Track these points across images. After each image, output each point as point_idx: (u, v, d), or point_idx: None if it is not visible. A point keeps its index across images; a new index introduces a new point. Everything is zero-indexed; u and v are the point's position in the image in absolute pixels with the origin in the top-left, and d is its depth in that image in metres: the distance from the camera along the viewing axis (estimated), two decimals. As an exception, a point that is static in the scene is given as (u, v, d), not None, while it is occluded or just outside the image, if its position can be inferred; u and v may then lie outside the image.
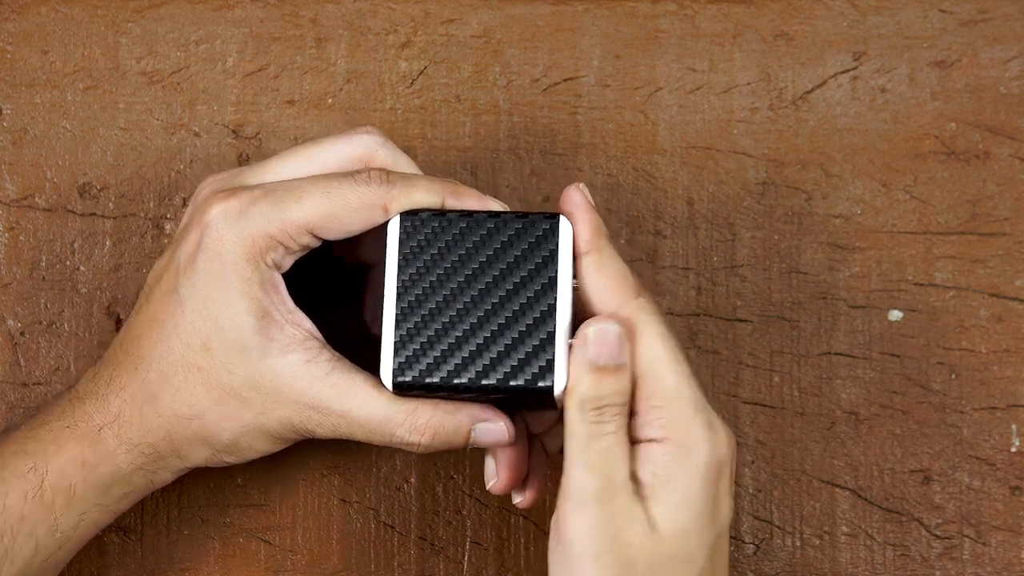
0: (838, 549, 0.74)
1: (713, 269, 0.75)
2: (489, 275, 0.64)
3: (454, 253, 0.65)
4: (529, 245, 0.64)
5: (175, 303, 0.65)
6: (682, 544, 0.62)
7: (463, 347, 0.64)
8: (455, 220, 0.65)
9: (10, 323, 0.75)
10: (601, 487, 0.61)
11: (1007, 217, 0.75)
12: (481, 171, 0.76)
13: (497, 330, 0.64)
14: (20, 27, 0.77)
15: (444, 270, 0.64)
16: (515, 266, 0.64)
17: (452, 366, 0.64)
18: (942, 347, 0.75)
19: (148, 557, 0.74)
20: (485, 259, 0.64)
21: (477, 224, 0.65)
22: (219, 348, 0.64)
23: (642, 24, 0.76)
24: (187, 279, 0.64)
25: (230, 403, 0.64)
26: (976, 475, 0.74)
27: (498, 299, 0.64)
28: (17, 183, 0.76)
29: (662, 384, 0.63)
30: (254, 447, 0.66)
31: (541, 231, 0.64)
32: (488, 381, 0.64)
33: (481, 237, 0.65)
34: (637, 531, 0.61)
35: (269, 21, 0.77)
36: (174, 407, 0.65)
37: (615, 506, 0.61)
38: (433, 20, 0.77)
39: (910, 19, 0.76)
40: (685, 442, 0.62)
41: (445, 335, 0.64)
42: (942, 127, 0.76)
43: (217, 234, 0.64)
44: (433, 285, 0.64)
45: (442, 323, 0.64)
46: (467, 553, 0.75)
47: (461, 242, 0.65)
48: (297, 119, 0.76)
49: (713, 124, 0.76)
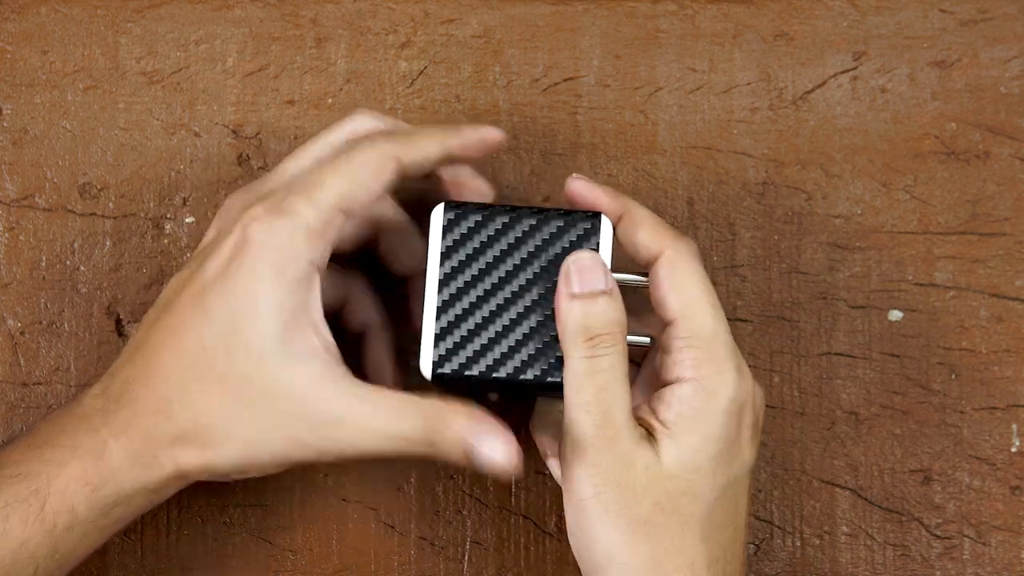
0: (838, 549, 0.74)
1: (713, 269, 0.75)
2: (530, 271, 0.65)
3: (496, 247, 0.65)
4: (571, 243, 0.65)
5: (200, 314, 0.63)
6: (689, 482, 0.62)
7: (502, 342, 0.64)
8: (498, 213, 0.65)
9: (10, 323, 0.75)
10: (597, 430, 0.62)
11: (1007, 217, 0.75)
12: (481, 171, 0.76)
13: (536, 326, 0.64)
14: (20, 27, 0.77)
15: (486, 264, 0.65)
16: (557, 263, 0.65)
17: (491, 360, 0.64)
18: (942, 347, 0.75)
19: (148, 557, 0.74)
20: (527, 255, 0.65)
21: (520, 218, 0.65)
22: (241, 355, 0.62)
23: (642, 24, 0.76)
24: (216, 290, 0.63)
25: (243, 414, 0.63)
26: (976, 475, 0.74)
27: (538, 295, 0.64)
28: (17, 183, 0.76)
29: (698, 325, 0.63)
30: (256, 464, 0.64)
31: (583, 229, 0.65)
32: (526, 377, 0.64)
33: (523, 232, 0.65)
34: (640, 469, 0.62)
35: (269, 21, 0.77)
36: (186, 416, 0.63)
37: (615, 449, 0.61)
38: (433, 20, 0.77)
39: (910, 19, 0.76)
40: (712, 384, 0.62)
41: (485, 329, 0.64)
42: (942, 127, 0.76)
43: (251, 243, 0.63)
44: (475, 278, 0.65)
45: (482, 317, 0.64)
46: (467, 553, 0.75)
47: (503, 236, 0.65)
48: (297, 119, 0.76)
49: (713, 124, 0.76)
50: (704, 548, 0.62)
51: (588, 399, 0.62)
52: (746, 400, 0.63)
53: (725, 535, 0.63)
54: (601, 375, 0.62)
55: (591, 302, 0.63)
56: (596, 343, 0.62)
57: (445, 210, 0.65)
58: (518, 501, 0.74)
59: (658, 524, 0.62)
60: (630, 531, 0.62)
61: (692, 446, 0.62)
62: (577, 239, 0.65)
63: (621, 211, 0.65)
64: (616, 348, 0.62)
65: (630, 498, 0.62)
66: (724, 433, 0.63)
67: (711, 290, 0.64)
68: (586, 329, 0.62)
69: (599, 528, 0.62)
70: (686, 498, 0.62)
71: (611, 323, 0.62)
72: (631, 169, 0.76)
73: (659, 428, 0.63)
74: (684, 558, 0.62)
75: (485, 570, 0.75)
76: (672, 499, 0.62)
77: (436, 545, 0.75)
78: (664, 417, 0.63)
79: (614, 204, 0.65)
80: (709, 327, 0.63)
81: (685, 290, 0.63)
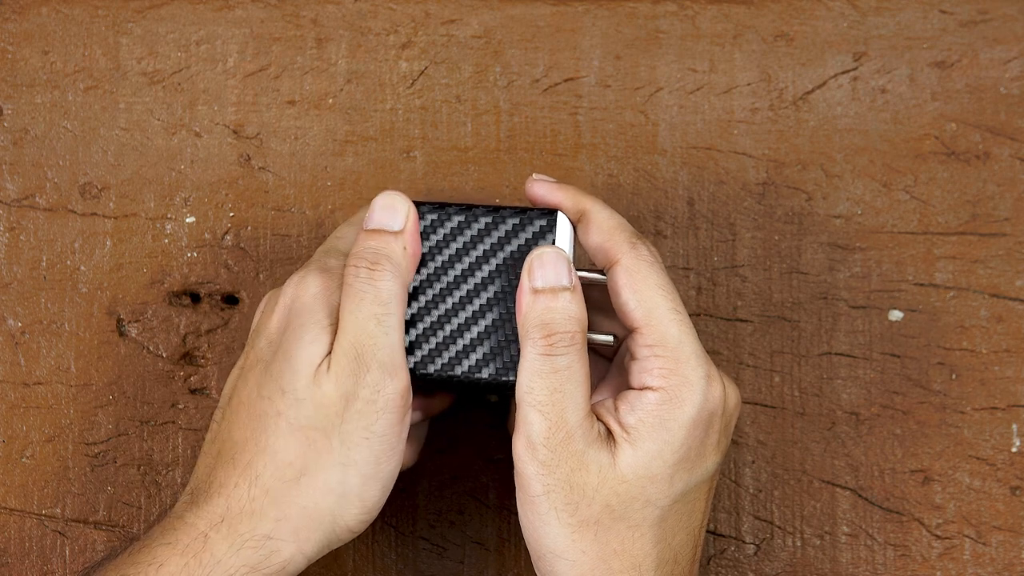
0: (839, 549, 0.74)
1: (713, 269, 0.75)
2: (486, 269, 0.64)
3: (452, 246, 0.65)
4: (526, 241, 0.64)
5: (259, 377, 0.63)
6: (642, 488, 0.62)
7: (458, 340, 0.64)
8: (453, 212, 0.65)
9: (10, 323, 0.75)
10: (550, 430, 0.61)
11: (1007, 217, 0.75)
12: (481, 171, 0.76)
13: (493, 325, 0.64)
14: (21, 27, 0.77)
15: (441, 263, 0.65)
16: (511, 261, 0.64)
17: (446, 359, 0.64)
18: (942, 347, 0.75)
19: (148, 557, 0.74)
20: (483, 253, 0.65)
21: (475, 216, 0.65)
22: (290, 384, 0.62)
23: (642, 25, 0.77)
24: (270, 350, 0.63)
25: (319, 440, 0.62)
26: (976, 475, 0.74)
27: (494, 294, 0.64)
28: (18, 183, 0.76)
29: (665, 334, 0.62)
30: (369, 493, 0.63)
31: (539, 227, 0.65)
32: (482, 376, 0.64)
33: (479, 231, 0.65)
34: (593, 471, 0.61)
35: (270, 21, 0.77)
36: (276, 473, 0.62)
37: (568, 449, 0.61)
38: (434, 20, 0.77)
39: (910, 20, 0.76)
40: (680, 393, 0.62)
41: (441, 328, 0.64)
42: (942, 127, 0.76)
43: (295, 297, 0.64)
44: (430, 277, 0.65)
45: (438, 316, 0.64)
46: (468, 553, 0.75)
47: (459, 235, 0.65)
48: (298, 119, 0.76)
49: (713, 124, 0.76)
50: (654, 551, 0.62)
51: (542, 399, 0.61)
52: (715, 409, 0.63)
53: (678, 538, 0.63)
54: (557, 375, 0.61)
55: (553, 297, 0.62)
56: (555, 341, 0.62)
57: None
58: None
59: (607, 526, 0.62)
60: (579, 530, 0.62)
61: (649, 453, 0.62)
62: (532, 236, 0.64)
63: (579, 212, 0.65)
64: (574, 348, 0.62)
65: (580, 498, 0.61)
66: (687, 443, 0.62)
67: (673, 296, 0.63)
68: (545, 325, 0.62)
69: (548, 525, 0.62)
70: (638, 503, 0.62)
71: (571, 320, 0.62)
72: (631, 169, 0.76)
73: (618, 431, 0.62)
74: (632, 559, 0.62)
75: (485, 570, 0.75)
76: (623, 503, 0.62)
77: (437, 545, 0.75)
78: (625, 421, 0.62)
79: (573, 205, 0.65)
80: (674, 335, 0.62)
81: (645, 297, 0.63)
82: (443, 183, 0.76)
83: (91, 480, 0.75)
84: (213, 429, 0.65)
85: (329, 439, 0.62)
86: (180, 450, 0.75)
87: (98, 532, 0.75)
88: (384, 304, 0.62)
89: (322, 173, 0.76)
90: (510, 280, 0.64)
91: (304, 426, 0.62)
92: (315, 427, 0.62)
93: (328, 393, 0.61)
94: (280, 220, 0.76)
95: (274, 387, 0.62)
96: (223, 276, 0.76)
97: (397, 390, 0.62)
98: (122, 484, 0.75)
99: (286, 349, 0.63)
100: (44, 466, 0.75)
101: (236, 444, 0.63)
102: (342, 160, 0.76)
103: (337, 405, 0.61)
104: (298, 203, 0.76)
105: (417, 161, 0.76)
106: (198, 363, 0.75)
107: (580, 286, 0.63)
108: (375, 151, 0.76)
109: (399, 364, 0.62)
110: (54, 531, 0.75)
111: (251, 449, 0.63)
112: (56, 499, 0.75)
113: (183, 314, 0.76)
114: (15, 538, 0.75)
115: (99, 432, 0.75)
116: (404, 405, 0.62)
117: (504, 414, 0.74)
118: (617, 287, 0.63)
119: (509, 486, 0.74)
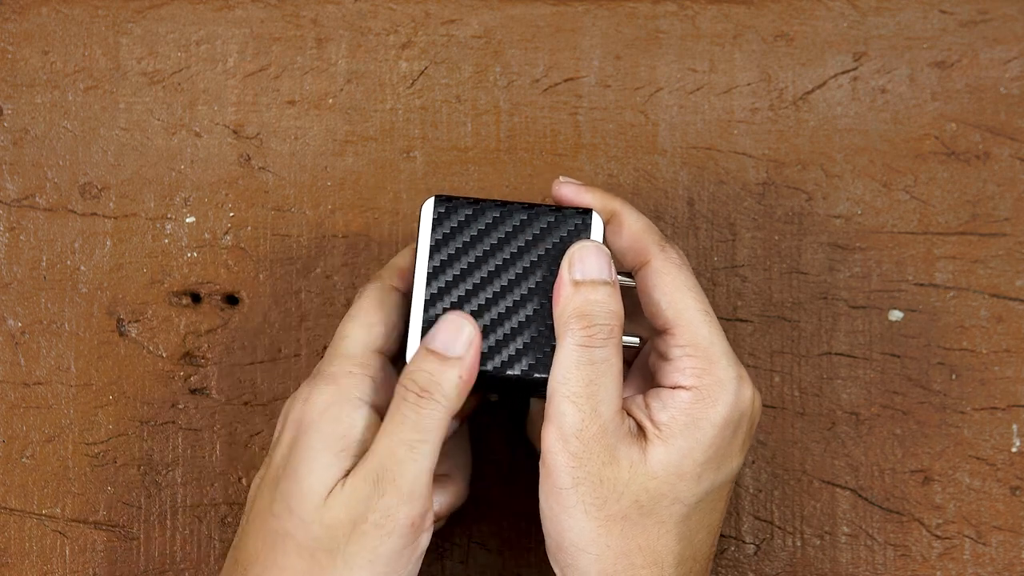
0: (839, 549, 0.74)
1: (713, 269, 0.75)
2: (520, 266, 0.64)
3: (485, 242, 0.65)
4: (561, 239, 0.64)
5: (271, 492, 0.63)
6: (672, 485, 0.62)
7: (489, 336, 0.64)
8: (488, 208, 0.65)
9: (10, 323, 0.75)
10: (583, 423, 0.61)
11: (1007, 217, 0.75)
12: (481, 171, 0.76)
13: (525, 322, 0.64)
14: (21, 27, 0.77)
15: (475, 258, 0.65)
16: (546, 258, 0.64)
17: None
18: (942, 347, 0.75)
19: (148, 557, 0.74)
20: (516, 250, 0.65)
21: (510, 215, 0.65)
22: (298, 506, 0.62)
23: (642, 25, 0.77)
24: (283, 466, 0.63)
25: (324, 560, 0.62)
26: (976, 475, 0.74)
27: (527, 291, 0.64)
28: (18, 183, 0.76)
29: (696, 334, 0.63)
30: None
31: (573, 225, 0.65)
32: (512, 372, 0.64)
33: (513, 228, 0.65)
34: (624, 466, 0.62)
35: (270, 21, 0.77)
36: None
37: (601, 443, 0.61)
38: (434, 20, 0.77)
39: (910, 20, 0.76)
40: (713, 393, 0.62)
41: None
42: (942, 127, 0.76)
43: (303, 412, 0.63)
44: (463, 272, 0.64)
45: (470, 311, 0.64)
46: (468, 553, 0.75)
47: (493, 230, 0.65)
48: (298, 119, 0.76)
49: (713, 124, 0.76)
50: (677, 548, 0.63)
51: (577, 390, 0.61)
52: (745, 410, 0.63)
53: (699, 536, 0.63)
54: (594, 367, 0.62)
55: (593, 290, 0.63)
56: (593, 333, 0.62)
57: (435, 203, 0.65)
58: (519, 501, 0.74)
59: (634, 522, 0.62)
60: (605, 525, 0.62)
61: (681, 451, 0.62)
62: (568, 235, 0.64)
63: (609, 214, 0.65)
64: (612, 341, 0.62)
65: (609, 493, 0.62)
66: (717, 442, 0.62)
67: (702, 297, 0.64)
68: (585, 316, 0.62)
69: (574, 518, 0.62)
70: (667, 500, 0.62)
71: (611, 314, 0.62)
72: (632, 169, 0.76)
73: (650, 428, 0.62)
74: (654, 556, 0.62)
75: (486, 571, 0.74)
76: (652, 499, 0.62)
77: (437, 545, 0.75)
78: (657, 418, 0.62)
79: (603, 207, 0.65)
80: (705, 336, 0.63)
81: (676, 299, 0.63)
82: (443, 183, 0.76)
83: (91, 480, 0.75)
84: (238, 533, 0.66)
85: (334, 559, 0.62)
86: (180, 450, 0.75)
87: (98, 532, 0.75)
88: (422, 432, 0.62)
89: (322, 173, 0.76)
90: (544, 277, 0.64)
91: (311, 547, 0.62)
92: (322, 548, 0.62)
93: (337, 515, 0.61)
94: (280, 220, 0.76)
95: (283, 506, 0.63)
96: (223, 276, 0.76)
97: (409, 515, 0.62)
98: (122, 484, 0.75)
99: (295, 467, 0.63)
100: (44, 466, 0.75)
101: (250, 556, 0.64)
102: (342, 160, 0.76)
103: (345, 527, 0.61)
104: (298, 203, 0.76)
105: (417, 161, 0.76)
106: (198, 363, 0.75)
107: (619, 283, 0.64)
108: (375, 151, 0.76)
109: (419, 491, 0.62)
110: (54, 531, 0.75)
111: (261, 563, 0.63)
112: (56, 499, 0.75)
113: (183, 314, 0.76)
114: (15, 538, 0.75)
115: (99, 432, 0.75)
116: (415, 530, 0.62)
117: (504, 414, 0.74)
118: (648, 288, 0.64)
119: (510, 487, 0.74)
